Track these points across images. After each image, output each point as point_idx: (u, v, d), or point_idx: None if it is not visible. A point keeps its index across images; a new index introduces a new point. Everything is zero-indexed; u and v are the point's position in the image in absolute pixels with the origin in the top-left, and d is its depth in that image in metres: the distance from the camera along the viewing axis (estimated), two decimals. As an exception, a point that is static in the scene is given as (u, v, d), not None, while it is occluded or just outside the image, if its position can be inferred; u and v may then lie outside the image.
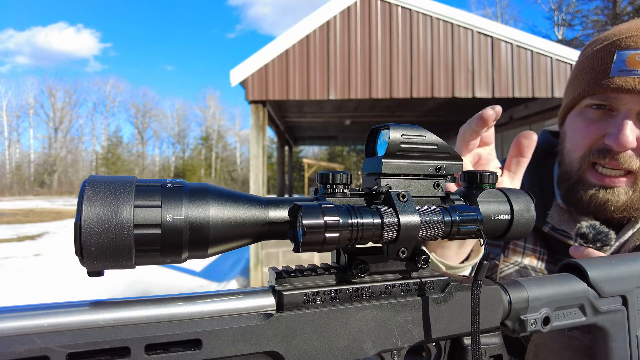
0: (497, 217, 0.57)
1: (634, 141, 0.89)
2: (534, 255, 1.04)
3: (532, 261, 1.03)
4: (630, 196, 0.91)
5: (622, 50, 0.91)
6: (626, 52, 0.90)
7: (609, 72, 0.91)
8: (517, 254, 1.05)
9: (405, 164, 0.55)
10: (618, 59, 0.91)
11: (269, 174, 29.71)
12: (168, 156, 67.10)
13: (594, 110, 0.95)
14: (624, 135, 0.87)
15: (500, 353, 0.58)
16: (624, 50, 0.90)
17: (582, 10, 28.14)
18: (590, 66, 0.97)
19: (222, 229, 0.43)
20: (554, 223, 1.00)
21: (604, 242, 0.86)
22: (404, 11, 7.93)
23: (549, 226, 1.00)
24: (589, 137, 0.95)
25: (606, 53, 0.94)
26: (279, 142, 14.74)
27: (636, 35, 0.91)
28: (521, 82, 8.06)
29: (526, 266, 1.04)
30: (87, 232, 0.37)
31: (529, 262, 1.03)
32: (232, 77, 7.69)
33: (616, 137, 0.88)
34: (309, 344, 0.46)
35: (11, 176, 55.10)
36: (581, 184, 0.96)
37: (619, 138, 0.88)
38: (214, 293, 0.46)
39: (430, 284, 0.54)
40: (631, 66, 0.88)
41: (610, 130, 0.91)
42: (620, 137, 0.88)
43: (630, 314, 0.69)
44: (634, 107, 0.89)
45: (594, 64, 0.96)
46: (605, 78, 0.92)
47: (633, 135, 0.88)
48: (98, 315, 0.40)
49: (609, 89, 0.91)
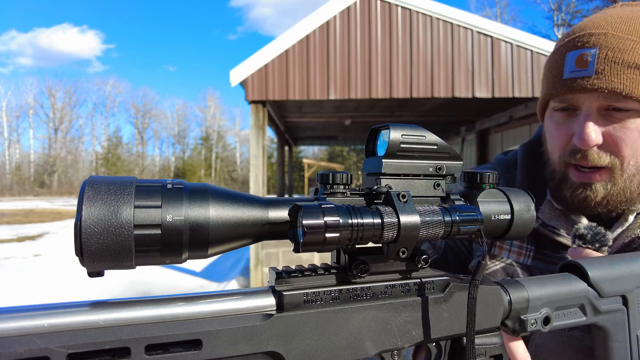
0: (497, 217, 0.57)
1: (598, 138, 0.90)
2: (520, 251, 1.05)
3: (518, 257, 1.04)
4: (609, 190, 0.92)
5: (572, 51, 0.94)
6: (575, 53, 0.93)
7: (562, 74, 0.95)
8: (504, 250, 1.06)
9: (405, 164, 0.55)
10: (569, 59, 0.94)
11: (269, 174, 29.71)
12: (168, 156, 67.11)
13: (560, 112, 0.99)
14: (585, 134, 0.90)
15: (500, 353, 0.58)
16: (573, 51, 0.94)
17: (582, 10, 28.13)
18: (549, 70, 1.01)
19: (222, 229, 0.43)
20: (544, 219, 1.02)
21: (602, 242, 0.87)
22: (403, 11, 7.93)
23: (539, 222, 1.02)
24: (560, 139, 0.98)
25: (559, 56, 0.98)
26: (279, 142, 14.74)
27: (582, 34, 0.94)
28: (521, 81, 8.06)
29: (512, 262, 1.05)
30: (87, 232, 0.37)
31: (516, 259, 1.05)
32: (232, 77, 7.68)
33: (579, 136, 0.91)
34: (309, 344, 0.46)
35: (11, 176, 55.09)
36: (564, 182, 0.99)
37: (582, 137, 0.90)
38: (214, 293, 0.46)
39: (431, 284, 0.54)
40: (580, 66, 0.91)
41: (575, 129, 0.94)
42: (582, 136, 0.90)
43: (631, 314, 0.69)
44: (593, 104, 0.91)
45: (551, 67, 1.00)
46: (560, 81, 0.95)
47: (596, 133, 0.90)
48: (98, 315, 0.40)
49: (564, 91, 0.94)
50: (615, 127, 0.90)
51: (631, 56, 0.87)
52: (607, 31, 0.91)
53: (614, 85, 0.87)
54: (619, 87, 0.86)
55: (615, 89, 0.86)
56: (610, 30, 0.91)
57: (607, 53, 0.88)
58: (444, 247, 1.16)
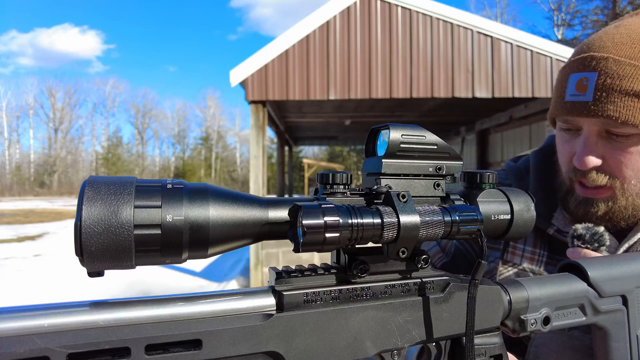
0: (497, 217, 0.57)
1: (596, 161, 0.91)
2: (532, 257, 1.05)
3: (531, 263, 1.05)
4: (610, 207, 0.94)
5: (574, 73, 0.94)
6: (577, 76, 0.93)
7: (564, 96, 0.95)
8: (516, 256, 1.06)
9: (405, 164, 0.55)
10: (570, 82, 0.94)
11: (269, 174, 29.67)
12: (168, 156, 67.10)
13: (565, 131, 1.00)
14: (582, 158, 0.92)
15: (500, 353, 0.58)
16: (575, 73, 0.94)
17: (582, 10, 28.16)
18: (555, 88, 1.02)
19: (222, 229, 0.43)
20: (559, 225, 1.02)
21: (600, 242, 0.88)
22: (403, 11, 7.93)
23: (554, 228, 1.02)
24: (565, 156, 1.00)
25: (564, 75, 0.98)
26: (279, 142, 14.74)
27: (586, 56, 0.93)
28: (521, 81, 8.06)
29: (525, 269, 1.05)
30: (87, 232, 0.37)
31: (528, 265, 1.05)
32: (232, 78, 7.68)
33: (577, 158, 0.93)
34: (309, 344, 0.46)
35: (11, 177, 55.07)
36: (570, 194, 1.01)
37: (580, 160, 0.92)
38: (214, 293, 0.46)
39: (431, 284, 0.54)
40: (579, 91, 0.92)
41: (576, 149, 0.95)
42: (580, 159, 0.92)
43: (630, 314, 0.69)
44: (592, 128, 0.92)
45: (557, 86, 1.01)
46: (561, 102, 0.96)
47: (595, 154, 0.91)
48: (98, 315, 0.40)
49: (564, 113, 0.95)
50: (615, 150, 0.90)
51: (630, 83, 0.86)
52: (610, 55, 0.90)
53: (609, 112, 0.87)
54: (615, 115, 0.86)
55: (611, 117, 0.87)
56: (613, 53, 0.90)
57: (605, 80, 0.88)
58: (453, 251, 1.16)
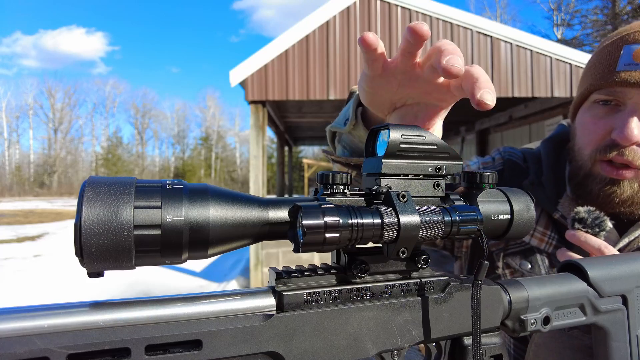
0: (497, 217, 0.57)
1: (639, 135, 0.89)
2: (542, 238, 1.04)
3: (540, 244, 1.03)
4: (635, 190, 0.92)
5: (630, 44, 0.92)
6: (633, 47, 0.91)
7: (616, 66, 0.92)
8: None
9: (405, 164, 0.55)
10: (625, 52, 0.92)
11: (268, 174, 29.70)
12: (168, 157, 67.10)
13: (601, 106, 0.96)
14: (629, 129, 0.88)
15: (500, 353, 0.58)
16: (632, 44, 0.91)
17: (582, 10, 28.15)
18: (598, 61, 0.98)
19: (222, 230, 0.43)
20: (564, 212, 1.01)
21: (600, 227, 0.87)
22: (403, 11, 7.93)
23: (559, 213, 1.01)
24: (596, 133, 0.96)
25: (614, 48, 0.95)
26: (278, 142, 14.73)
27: None
28: (520, 81, 8.06)
29: (532, 247, 1.04)
30: (87, 232, 0.37)
31: (537, 244, 1.04)
32: (232, 78, 7.68)
33: (621, 130, 0.89)
34: (310, 344, 0.46)
35: (11, 177, 55.06)
36: (590, 177, 0.98)
37: (624, 132, 0.89)
38: (214, 293, 0.46)
39: (431, 284, 0.54)
40: (638, 60, 0.89)
41: (616, 124, 0.92)
42: (625, 131, 0.89)
43: (631, 314, 0.69)
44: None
45: (602, 58, 0.97)
46: (611, 72, 0.93)
47: (639, 129, 0.89)
48: (98, 316, 0.40)
49: (614, 83, 0.91)
50: None
51: None
52: None
53: None
54: None
55: None
56: None
57: None
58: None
